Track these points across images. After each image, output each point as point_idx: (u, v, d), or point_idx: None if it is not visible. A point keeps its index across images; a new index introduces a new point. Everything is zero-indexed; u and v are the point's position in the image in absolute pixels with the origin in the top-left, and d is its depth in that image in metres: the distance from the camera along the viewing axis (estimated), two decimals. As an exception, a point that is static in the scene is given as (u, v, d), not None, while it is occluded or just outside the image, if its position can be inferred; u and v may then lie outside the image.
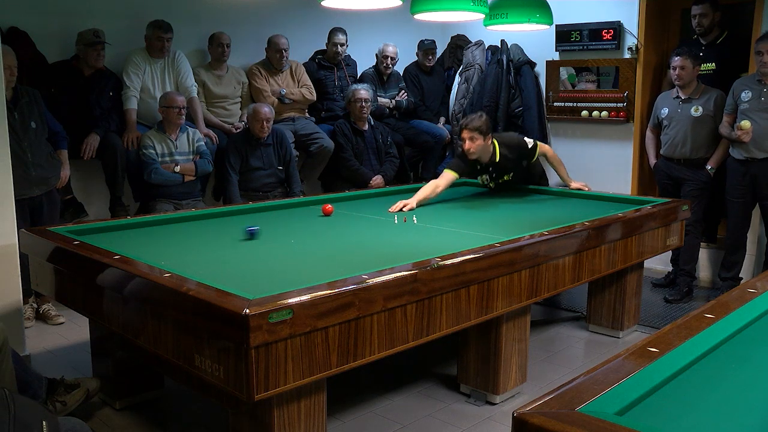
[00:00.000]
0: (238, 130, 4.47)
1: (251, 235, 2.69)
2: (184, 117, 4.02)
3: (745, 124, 3.71)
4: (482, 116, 3.68)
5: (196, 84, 4.37)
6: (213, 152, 4.26)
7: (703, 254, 4.41)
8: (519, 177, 3.97)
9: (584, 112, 5.04)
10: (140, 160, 3.95)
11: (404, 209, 3.38)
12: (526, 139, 3.85)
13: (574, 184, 3.96)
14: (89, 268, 2.30)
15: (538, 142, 3.88)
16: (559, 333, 3.58)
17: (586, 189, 3.90)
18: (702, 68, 4.16)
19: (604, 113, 4.90)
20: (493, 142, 3.74)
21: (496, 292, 2.44)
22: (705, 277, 4.47)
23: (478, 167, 3.86)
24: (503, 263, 2.42)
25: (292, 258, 2.46)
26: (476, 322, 2.40)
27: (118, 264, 2.18)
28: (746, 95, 3.80)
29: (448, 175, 3.69)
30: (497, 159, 3.78)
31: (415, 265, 2.15)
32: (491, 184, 3.97)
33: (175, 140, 4.02)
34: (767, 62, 3.68)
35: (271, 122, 4.29)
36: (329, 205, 3.26)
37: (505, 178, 3.95)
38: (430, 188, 3.61)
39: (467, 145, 3.64)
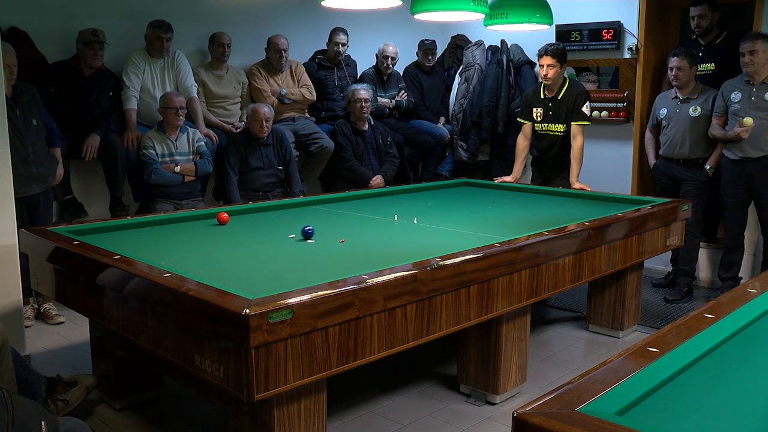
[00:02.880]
0: (238, 130, 4.47)
1: (307, 236, 2.67)
2: (182, 118, 4.01)
3: (748, 120, 3.71)
4: (561, 45, 4.06)
5: (195, 84, 4.37)
6: (213, 152, 4.25)
7: (703, 254, 4.41)
8: (562, 143, 4.09)
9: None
10: (140, 161, 3.95)
11: (509, 180, 4.16)
12: (588, 106, 4.03)
13: (577, 185, 3.99)
14: (89, 268, 2.30)
15: (585, 125, 4.05)
16: (559, 333, 3.58)
17: (588, 191, 3.93)
18: (701, 68, 4.16)
19: (604, 113, 4.90)
20: (566, 80, 4.09)
21: (496, 292, 2.44)
22: (705, 277, 4.47)
23: (541, 98, 4.14)
24: (503, 263, 2.42)
25: (292, 258, 2.46)
26: (476, 322, 2.40)
27: (118, 264, 2.18)
28: (736, 96, 3.80)
29: (525, 127, 4.22)
30: (560, 95, 4.06)
31: (415, 265, 2.15)
32: (537, 125, 4.17)
33: (175, 140, 4.02)
34: (749, 63, 3.68)
35: (271, 122, 4.29)
36: (225, 214, 3.02)
37: (553, 127, 4.11)
38: (521, 148, 4.21)
39: (545, 71, 3.98)
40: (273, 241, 2.69)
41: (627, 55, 4.76)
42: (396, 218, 3.17)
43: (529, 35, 4.97)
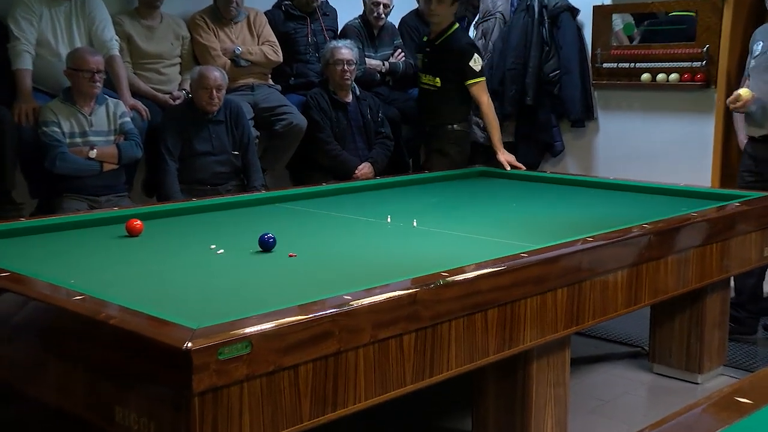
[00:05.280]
0: (178, 102, 4.48)
1: (266, 245, 2.66)
2: (99, 84, 4.00)
3: (745, 93, 3.72)
4: None
5: (117, 38, 4.36)
6: (143, 131, 4.25)
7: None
8: (434, 101, 4.65)
9: (645, 76, 5.07)
10: (39, 142, 3.94)
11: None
12: (477, 59, 4.53)
13: (502, 156, 4.43)
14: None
15: (482, 82, 4.56)
16: (611, 375, 3.61)
17: (521, 168, 4.39)
18: None
19: (674, 76, 4.93)
20: (453, 24, 4.65)
21: (523, 318, 2.46)
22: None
23: (425, 39, 4.77)
24: (532, 279, 2.45)
25: (250, 273, 2.49)
26: (496, 358, 2.42)
27: (6, 284, 2.19)
28: (757, 48, 3.83)
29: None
30: (439, 41, 4.63)
31: (414, 282, 2.17)
32: (421, 71, 4.78)
33: (90, 115, 4.02)
34: None
35: (223, 91, 4.30)
36: (138, 221, 2.94)
37: (427, 79, 4.70)
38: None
39: (432, 5, 4.54)
40: (226, 251, 2.72)
41: (710, -5, 4.75)
42: (389, 220, 3.20)
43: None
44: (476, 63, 4.56)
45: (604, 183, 4.08)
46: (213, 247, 2.74)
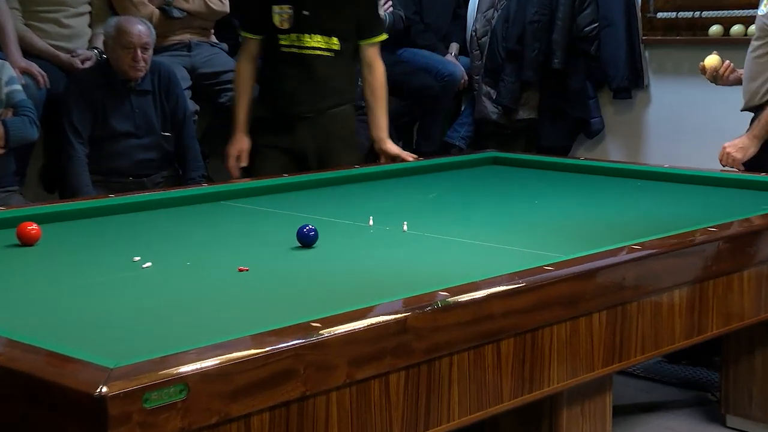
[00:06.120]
0: (87, 64, 4.50)
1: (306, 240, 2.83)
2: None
3: (710, 60, 3.91)
4: None
5: (0, -21, 4.37)
6: (40, 104, 4.27)
7: None
8: (342, 68, 4.39)
9: (715, 28, 5.08)
10: None
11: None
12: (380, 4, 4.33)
13: (393, 149, 4.31)
14: None
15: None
16: (668, 430, 3.63)
17: (410, 158, 4.29)
18: None
19: (737, 28, 4.95)
20: None
21: (549, 351, 2.47)
22: None
23: None
24: (561, 301, 2.46)
25: (187, 292, 2.49)
26: (514, 405, 2.43)
27: None
28: (761, 7, 3.94)
29: (251, 44, 4.36)
30: None
31: (404, 304, 2.19)
32: (282, 38, 4.26)
33: (-36, 82, 4.03)
34: None
35: (150, 51, 4.32)
36: (32, 225, 2.94)
37: (316, 41, 4.27)
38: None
39: None
40: (156, 264, 2.71)
41: None
42: (372, 222, 3.22)
43: None
44: (381, 9, 4.41)
45: (656, 172, 4.08)
46: (137, 259, 2.74)
